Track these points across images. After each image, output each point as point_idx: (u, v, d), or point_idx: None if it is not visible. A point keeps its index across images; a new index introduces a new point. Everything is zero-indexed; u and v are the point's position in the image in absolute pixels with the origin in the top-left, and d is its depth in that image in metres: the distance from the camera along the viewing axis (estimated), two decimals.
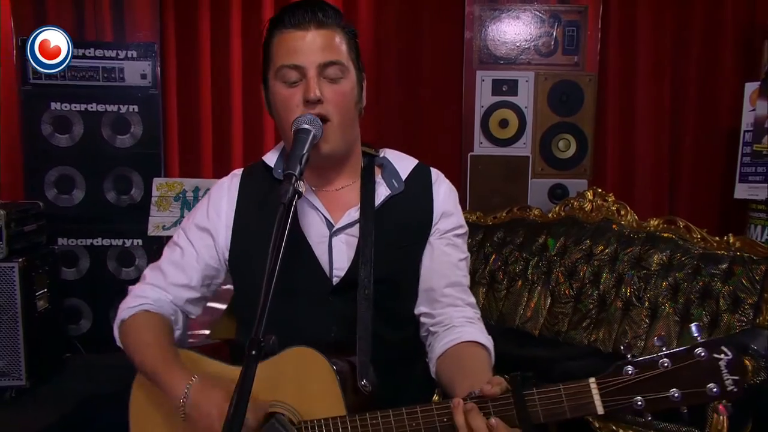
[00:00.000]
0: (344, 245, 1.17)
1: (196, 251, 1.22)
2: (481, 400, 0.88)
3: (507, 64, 3.60)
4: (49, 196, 3.30)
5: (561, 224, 3.14)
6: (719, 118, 3.66)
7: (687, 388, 0.79)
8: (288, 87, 1.10)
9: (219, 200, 1.23)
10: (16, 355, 2.65)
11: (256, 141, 3.71)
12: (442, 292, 1.18)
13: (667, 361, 0.79)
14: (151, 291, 1.22)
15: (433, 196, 1.23)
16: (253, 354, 0.79)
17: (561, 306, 2.97)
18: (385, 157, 1.25)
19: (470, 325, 1.14)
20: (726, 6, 3.61)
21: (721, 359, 0.78)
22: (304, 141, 1.01)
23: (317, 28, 1.09)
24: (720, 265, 2.58)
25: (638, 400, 0.80)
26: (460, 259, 1.23)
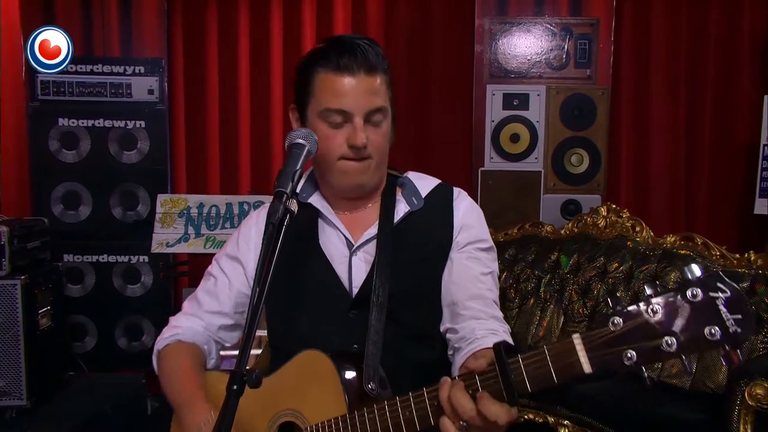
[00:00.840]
0: (363, 263, 1.19)
1: (229, 279, 1.27)
2: (468, 376, 0.84)
3: (518, 77, 3.56)
4: (55, 211, 3.28)
5: (574, 241, 3.08)
6: (737, 132, 3.58)
7: (683, 333, 0.70)
8: (331, 128, 1.13)
9: (248, 231, 1.28)
10: (17, 375, 2.58)
11: (264, 158, 3.68)
12: (464, 305, 1.16)
13: (658, 305, 0.71)
14: (186, 320, 1.27)
15: (453, 211, 1.23)
16: (234, 389, 0.74)
17: (574, 325, 2.90)
18: (406, 177, 1.28)
19: (493, 337, 1.08)
20: (743, 17, 3.54)
21: (719, 297, 0.69)
22: (297, 156, 0.99)
23: (366, 74, 1.11)
24: (741, 283, 2.51)
25: (629, 353, 0.72)
26: (483, 273, 1.20)
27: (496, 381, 0.80)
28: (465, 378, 0.84)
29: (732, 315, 0.69)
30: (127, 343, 3.40)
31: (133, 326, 3.39)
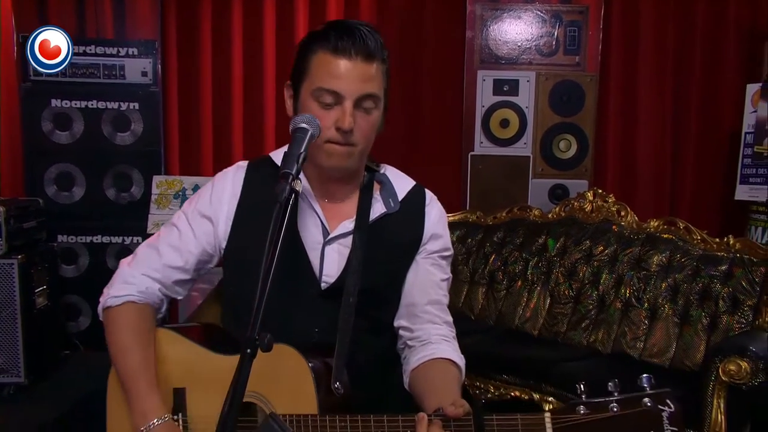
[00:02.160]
0: (336, 254, 1.22)
1: (195, 236, 1.24)
2: (444, 419, 0.93)
3: (508, 63, 3.61)
4: (48, 192, 3.30)
5: (561, 225, 3.15)
6: (721, 120, 3.66)
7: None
8: (321, 108, 1.14)
9: (222, 190, 1.25)
10: (14, 352, 2.64)
11: (257, 139, 3.71)
12: (423, 309, 1.24)
13: (617, 406, 0.87)
14: (141, 277, 1.23)
15: (425, 217, 1.29)
16: (248, 352, 0.80)
17: (560, 306, 2.98)
18: (385, 175, 1.30)
19: (445, 343, 1.20)
20: (728, 7, 3.61)
21: (665, 411, 0.86)
22: (301, 140, 1.02)
23: (363, 60, 1.13)
24: (720, 266, 2.59)
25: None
26: (442, 279, 1.29)
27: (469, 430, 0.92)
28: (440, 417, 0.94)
29: (671, 427, 0.86)
30: None
31: None
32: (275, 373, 0.98)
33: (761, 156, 3.11)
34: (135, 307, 1.21)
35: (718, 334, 2.47)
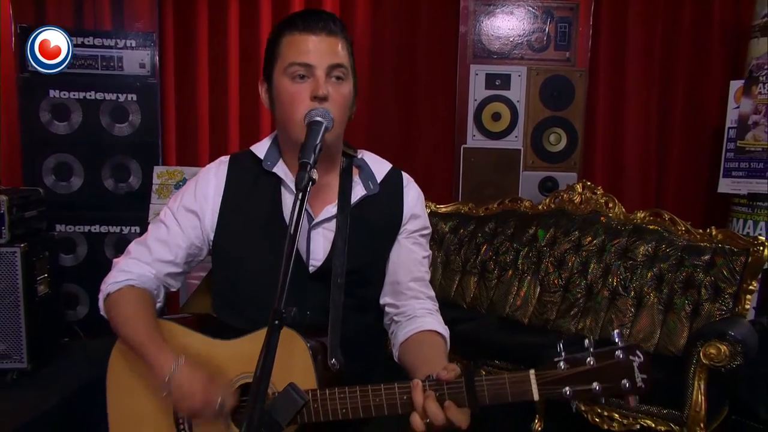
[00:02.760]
0: (321, 238, 1.28)
1: (182, 230, 1.30)
2: (437, 384, 1.00)
3: (500, 58, 3.68)
4: (47, 182, 3.33)
5: (551, 216, 3.22)
6: (705, 115, 3.76)
7: (606, 382, 0.94)
8: (295, 82, 1.19)
9: (206, 185, 1.31)
10: (17, 339, 2.67)
11: (253, 130, 3.75)
12: (407, 286, 1.31)
13: (593, 359, 0.95)
14: (136, 266, 1.29)
15: (404, 199, 1.35)
16: (276, 323, 0.86)
17: (550, 295, 3.06)
18: (363, 159, 1.36)
19: (430, 316, 1.28)
20: (713, 6, 3.71)
21: (635, 361, 0.94)
22: (317, 132, 1.09)
23: (327, 35, 1.20)
24: (702, 256, 2.68)
25: (567, 390, 0.95)
26: (423, 257, 1.36)
27: (461, 393, 0.99)
28: (434, 386, 1.01)
29: (640, 375, 0.94)
30: None
31: None
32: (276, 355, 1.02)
33: (743, 150, 3.21)
34: (134, 289, 1.27)
35: (700, 321, 2.56)
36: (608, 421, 2.40)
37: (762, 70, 3.12)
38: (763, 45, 3.10)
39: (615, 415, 2.39)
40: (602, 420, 2.42)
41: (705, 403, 2.19)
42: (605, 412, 2.42)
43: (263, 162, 1.29)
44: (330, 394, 1.04)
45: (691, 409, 2.20)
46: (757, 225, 3.18)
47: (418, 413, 0.99)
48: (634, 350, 0.94)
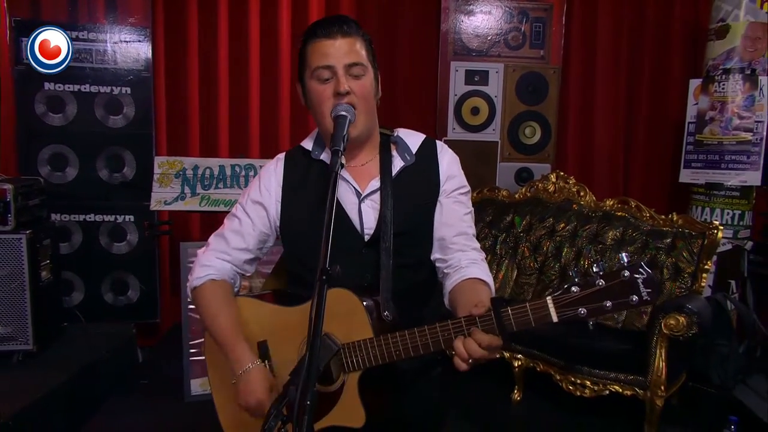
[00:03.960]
0: (371, 209, 1.43)
1: (252, 221, 1.48)
2: (470, 318, 1.15)
3: (479, 56, 3.85)
4: (42, 172, 3.39)
5: (527, 204, 3.43)
6: (668, 110, 4.00)
7: (616, 299, 1.04)
8: (321, 83, 1.37)
9: (269, 180, 1.50)
10: (23, 321, 2.77)
11: (242, 123, 3.86)
12: (451, 241, 1.43)
13: (602, 281, 1.04)
14: (215, 260, 1.48)
15: (439, 164, 1.48)
16: (324, 279, 1.04)
17: (526, 277, 3.28)
18: (398, 135, 1.51)
19: (474, 266, 1.39)
20: (675, 9, 3.96)
21: (639, 277, 1.03)
22: (343, 124, 1.28)
23: (343, 37, 1.36)
24: (665, 239, 2.93)
25: (582, 310, 1.05)
26: (465, 213, 1.48)
27: (491, 323, 1.12)
28: (468, 320, 1.14)
29: (646, 289, 1.03)
30: (114, 297, 3.57)
31: (119, 282, 3.57)
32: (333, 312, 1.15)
33: (702, 143, 3.45)
34: (215, 282, 1.46)
35: (663, 299, 2.78)
36: (581, 388, 2.63)
37: (717, 70, 3.36)
38: (719, 47, 3.34)
39: (587, 382, 2.62)
40: (575, 387, 2.65)
41: (665, 369, 2.43)
42: (578, 380, 2.65)
43: (311, 153, 1.47)
44: (384, 339, 1.21)
45: (653, 374, 2.45)
46: (713, 212, 3.44)
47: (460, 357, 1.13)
48: (638, 268, 1.02)
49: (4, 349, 2.78)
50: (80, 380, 2.79)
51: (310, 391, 0.89)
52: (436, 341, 1.18)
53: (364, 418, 1.24)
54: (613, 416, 2.76)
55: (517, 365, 2.89)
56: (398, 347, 1.20)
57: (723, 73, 3.33)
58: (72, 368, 2.79)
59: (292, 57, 3.82)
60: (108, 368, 3.07)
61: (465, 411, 2.82)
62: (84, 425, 2.66)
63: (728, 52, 3.31)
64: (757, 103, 3.25)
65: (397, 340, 1.20)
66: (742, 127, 3.29)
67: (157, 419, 2.75)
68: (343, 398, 1.27)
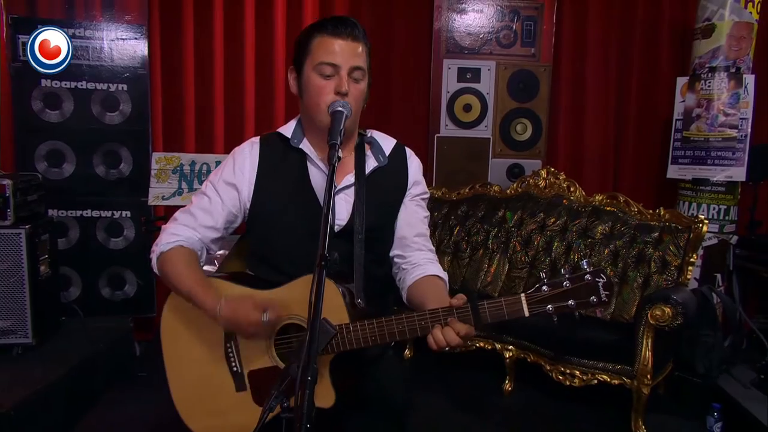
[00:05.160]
0: (343, 202, 1.52)
1: (222, 200, 1.53)
2: (448, 309, 1.26)
3: (471, 53, 3.91)
4: (39, 168, 3.40)
5: (518, 199, 3.50)
6: (656, 107, 4.08)
7: (578, 299, 1.21)
8: (323, 78, 1.44)
9: (243, 162, 1.54)
10: (23, 315, 2.80)
11: (237, 120, 3.90)
12: (412, 240, 1.56)
13: (568, 282, 1.21)
14: (184, 230, 1.51)
15: (408, 169, 1.61)
16: (322, 264, 1.09)
17: (517, 271, 3.34)
18: (372, 137, 1.62)
19: (431, 264, 1.54)
20: (663, 8, 4.03)
21: (599, 281, 1.20)
22: (340, 119, 1.36)
23: (351, 40, 1.44)
24: (652, 233, 3.00)
25: (549, 307, 1.21)
26: (424, 216, 1.63)
27: (467, 314, 1.25)
28: (446, 311, 1.25)
29: (604, 291, 1.21)
30: (111, 292, 3.60)
31: (116, 277, 3.59)
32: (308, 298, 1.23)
33: (689, 140, 3.53)
34: (183, 248, 1.50)
35: (650, 291, 2.86)
36: (570, 378, 2.70)
37: (703, 69, 3.44)
38: (704, 46, 3.42)
39: (576, 372, 2.69)
40: (565, 377, 2.72)
41: (652, 359, 2.50)
42: (567, 370, 2.72)
43: (290, 140, 1.54)
44: (360, 325, 1.29)
45: (640, 364, 2.52)
46: (700, 207, 3.52)
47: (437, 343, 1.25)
48: (599, 273, 1.20)
49: (4, 343, 2.81)
50: (79, 373, 2.82)
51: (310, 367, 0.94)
52: (413, 329, 1.27)
53: (334, 397, 1.33)
54: (601, 405, 2.84)
55: (508, 356, 2.96)
56: (374, 333, 1.29)
57: (709, 71, 3.41)
58: (71, 361, 2.82)
59: (287, 54, 3.86)
60: (106, 361, 3.10)
61: (457, 402, 2.88)
62: (83, 416, 2.70)
63: (714, 51, 3.38)
64: (742, 100, 3.33)
65: (373, 326, 1.28)
66: (727, 124, 3.36)
67: (155, 410, 2.79)
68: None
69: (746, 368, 3.08)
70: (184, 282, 1.43)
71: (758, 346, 3.28)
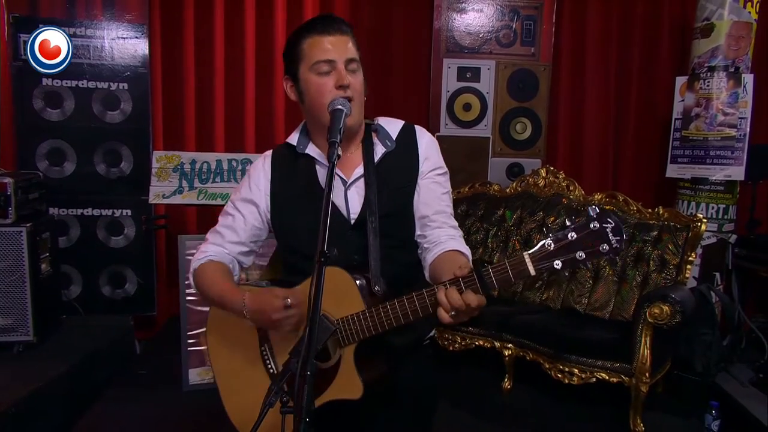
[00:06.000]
0: (356, 195, 1.51)
1: (244, 217, 1.57)
2: (454, 280, 1.20)
3: (471, 53, 3.91)
4: (40, 167, 3.43)
5: (517, 198, 3.50)
6: (655, 106, 4.09)
7: (587, 249, 1.09)
8: (322, 76, 1.44)
9: (258, 177, 1.59)
10: (24, 313, 2.82)
11: (237, 119, 3.91)
12: (431, 219, 1.51)
13: (573, 233, 1.09)
14: (213, 247, 1.58)
15: (418, 147, 1.56)
16: (322, 260, 1.10)
17: None
18: (378, 124, 1.59)
19: (452, 240, 1.48)
20: (662, 8, 4.04)
21: (608, 226, 1.07)
22: (339, 117, 1.36)
23: (340, 35, 1.45)
24: (651, 232, 3.01)
25: (557, 262, 1.10)
26: (442, 193, 1.56)
27: (474, 283, 1.17)
28: (453, 282, 1.19)
29: (614, 237, 1.07)
30: (111, 290, 3.62)
31: (117, 275, 3.61)
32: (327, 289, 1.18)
33: (688, 139, 3.53)
34: (213, 262, 1.56)
35: (649, 290, 2.87)
36: (569, 376, 2.71)
37: (702, 68, 3.44)
38: (704, 45, 3.42)
39: (575, 370, 2.70)
40: (564, 375, 2.73)
41: (650, 356, 2.51)
42: (566, 368, 2.73)
43: (297, 147, 1.55)
44: (375, 310, 1.28)
45: (639, 362, 2.53)
46: (699, 206, 3.53)
47: (443, 307, 1.19)
48: (605, 218, 1.07)
49: (5, 340, 2.83)
50: (79, 371, 2.84)
51: (309, 362, 0.95)
52: (424, 306, 1.24)
53: (361, 389, 1.31)
54: (599, 403, 2.85)
55: (507, 354, 2.97)
56: (389, 315, 1.27)
57: (708, 70, 3.41)
58: (71, 359, 2.85)
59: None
60: (106, 359, 3.12)
61: (457, 400, 2.89)
62: (83, 414, 2.71)
63: (713, 51, 3.39)
64: (741, 100, 3.34)
65: (387, 309, 1.27)
66: (726, 123, 3.37)
67: (155, 408, 2.80)
68: (341, 372, 1.34)
69: (744, 367, 3.09)
70: (213, 290, 1.49)
71: (756, 344, 3.30)
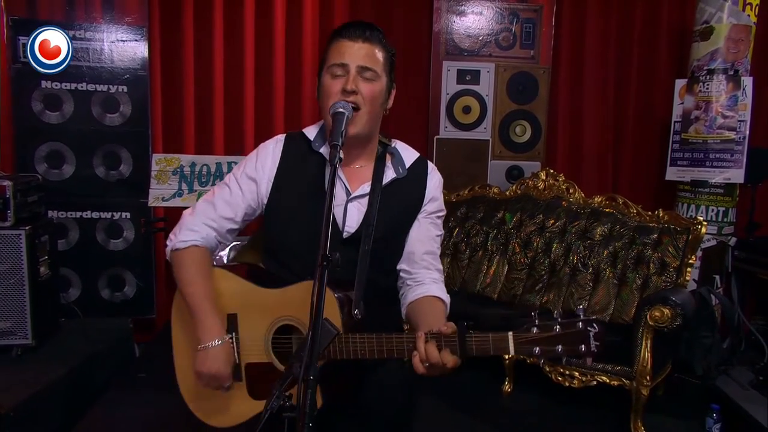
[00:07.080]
0: (356, 210, 1.51)
1: (243, 193, 1.55)
2: (436, 335, 1.25)
3: (470, 55, 3.92)
4: (39, 170, 3.41)
5: (517, 201, 3.50)
6: (655, 110, 4.09)
7: (567, 345, 1.18)
8: (332, 79, 1.44)
9: (266, 157, 1.56)
10: (22, 316, 2.80)
11: (236, 121, 3.89)
12: (420, 257, 1.55)
13: (559, 327, 1.18)
14: (203, 226, 1.53)
15: (427, 184, 1.59)
16: (324, 265, 1.10)
17: (517, 273, 3.34)
18: (395, 147, 1.61)
19: (435, 284, 1.53)
20: (662, 11, 4.04)
21: (591, 331, 1.17)
22: (340, 120, 1.35)
23: (363, 42, 1.45)
24: (651, 235, 3.01)
25: (536, 350, 1.19)
26: (437, 235, 1.61)
27: (454, 344, 1.23)
28: (434, 335, 1.24)
29: (594, 342, 1.16)
30: (110, 293, 3.60)
31: (116, 278, 3.60)
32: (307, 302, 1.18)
33: (687, 142, 3.54)
34: (198, 249, 1.52)
35: (649, 293, 2.87)
36: (569, 379, 2.71)
37: (702, 71, 3.45)
38: (703, 48, 3.43)
39: (575, 373, 2.70)
40: (564, 378, 2.73)
41: (651, 359, 2.51)
42: (567, 371, 2.73)
43: (312, 143, 1.55)
44: (353, 337, 1.29)
45: (639, 365, 2.52)
46: (698, 209, 3.53)
47: (420, 357, 1.24)
48: (591, 323, 1.17)
49: (4, 344, 2.81)
50: (78, 374, 2.83)
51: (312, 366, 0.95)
52: (401, 350, 1.28)
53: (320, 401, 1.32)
54: (600, 406, 2.84)
55: (507, 357, 2.96)
56: (364, 348, 1.29)
57: (707, 73, 3.42)
58: (70, 362, 2.83)
59: (288, 56, 3.87)
60: (106, 362, 3.11)
61: (457, 403, 2.88)
62: (82, 417, 2.70)
63: (712, 54, 3.39)
64: (740, 102, 3.34)
65: (364, 341, 1.29)
66: (725, 126, 3.38)
67: (155, 411, 2.79)
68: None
69: (745, 369, 3.09)
70: (191, 292, 1.47)
71: (757, 347, 3.29)
